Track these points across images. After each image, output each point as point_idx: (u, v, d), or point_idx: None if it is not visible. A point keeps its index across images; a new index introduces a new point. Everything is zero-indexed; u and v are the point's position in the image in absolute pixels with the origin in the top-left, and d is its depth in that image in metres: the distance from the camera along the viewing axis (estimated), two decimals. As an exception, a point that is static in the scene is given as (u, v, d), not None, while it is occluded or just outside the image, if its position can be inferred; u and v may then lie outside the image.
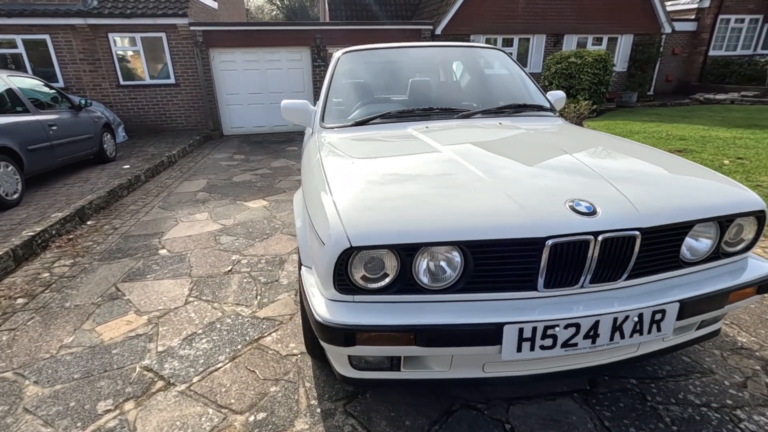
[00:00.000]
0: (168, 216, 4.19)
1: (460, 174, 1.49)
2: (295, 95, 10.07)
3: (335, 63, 2.69)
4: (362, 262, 1.24)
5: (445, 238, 1.19)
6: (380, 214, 1.26)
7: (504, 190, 1.34)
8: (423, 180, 1.48)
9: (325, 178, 1.55)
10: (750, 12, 14.26)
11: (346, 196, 1.37)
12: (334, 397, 1.74)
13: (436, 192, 1.38)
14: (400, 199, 1.34)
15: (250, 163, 6.68)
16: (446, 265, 1.25)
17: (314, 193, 1.52)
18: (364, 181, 1.49)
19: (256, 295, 2.60)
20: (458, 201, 1.30)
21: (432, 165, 1.61)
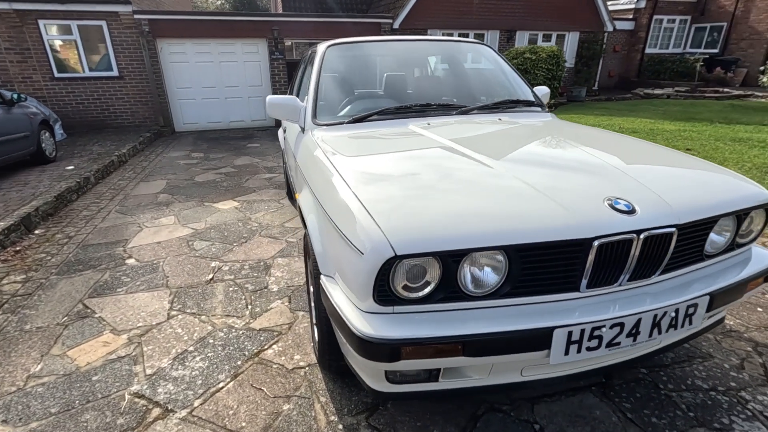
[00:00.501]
0: (129, 221, 3.85)
1: (486, 174, 1.45)
2: (252, 89, 9.67)
3: (321, 57, 2.55)
4: (404, 270, 1.16)
5: (493, 242, 1.14)
6: (423, 219, 1.18)
7: (540, 190, 1.31)
8: (451, 181, 1.41)
9: (343, 180, 1.45)
10: (680, 13, 15.41)
11: (377, 200, 1.28)
12: (354, 411, 1.65)
13: (470, 193, 1.32)
14: (437, 202, 1.27)
15: (210, 162, 6.32)
16: (491, 270, 1.20)
17: (333, 198, 1.42)
18: (392, 183, 1.41)
19: (247, 304, 2.43)
20: (498, 203, 1.25)
21: (454, 164, 1.55)
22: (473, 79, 2.66)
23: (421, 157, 1.66)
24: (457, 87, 2.63)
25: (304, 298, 2.48)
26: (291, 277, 2.75)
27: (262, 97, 9.77)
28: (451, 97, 2.52)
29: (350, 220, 1.26)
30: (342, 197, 1.36)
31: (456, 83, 2.65)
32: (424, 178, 1.45)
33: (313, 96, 2.37)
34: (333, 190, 1.44)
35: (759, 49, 13.70)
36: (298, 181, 2.15)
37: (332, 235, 1.38)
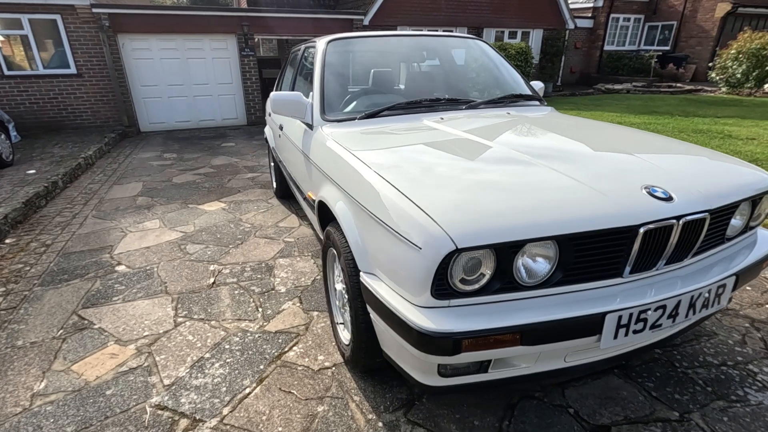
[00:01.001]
0: (110, 226, 3.65)
1: (522, 165, 1.47)
2: (222, 87, 9.36)
3: (323, 52, 2.50)
4: (462, 264, 1.16)
5: (550, 232, 1.16)
6: (479, 212, 1.19)
7: (580, 181, 1.34)
8: (489, 173, 1.43)
9: (379, 176, 1.44)
10: (634, 12, 16.20)
11: (424, 194, 1.27)
12: (391, 407, 1.64)
13: (514, 185, 1.34)
14: (486, 193, 1.28)
15: (185, 162, 6.08)
16: (543, 259, 1.22)
17: (373, 194, 1.40)
18: (432, 177, 1.40)
19: (257, 307, 2.37)
20: (547, 193, 1.27)
21: (485, 157, 1.56)
22: (474, 74, 2.69)
23: (451, 150, 1.66)
24: (460, 82, 2.66)
25: (315, 298, 2.44)
26: (296, 277, 2.69)
27: (232, 95, 9.49)
28: (455, 92, 2.53)
29: (400, 216, 1.25)
30: (385, 193, 1.34)
31: (458, 78, 2.68)
32: (461, 170, 1.45)
33: (320, 92, 2.32)
34: (371, 186, 1.42)
35: (706, 47, 14.62)
36: (312, 179, 2.10)
37: (375, 232, 1.36)
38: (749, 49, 10.97)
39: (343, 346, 1.84)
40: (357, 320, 1.55)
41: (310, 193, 2.16)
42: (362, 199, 1.44)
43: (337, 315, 2.00)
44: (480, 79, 2.66)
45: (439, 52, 2.77)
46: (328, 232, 1.80)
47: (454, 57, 2.76)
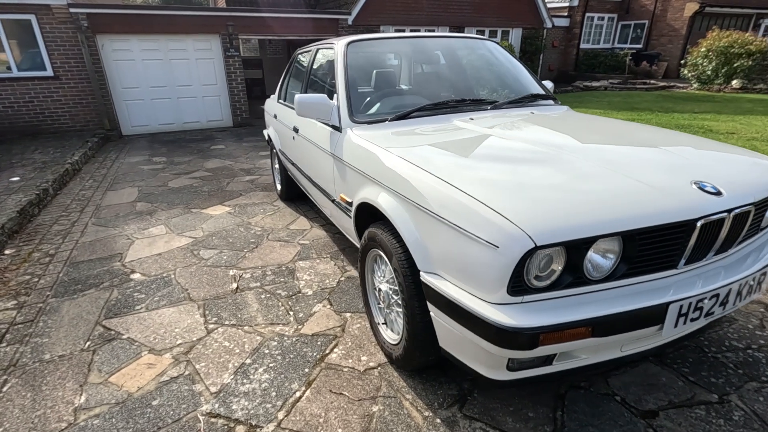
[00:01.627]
0: (114, 234, 3.55)
1: (572, 163, 1.52)
2: (206, 88, 9.18)
3: (343, 54, 2.51)
4: (538, 260, 1.21)
5: (619, 228, 1.22)
6: (550, 210, 1.23)
7: (634, 178, 1.40)
8: (545, 172, 1.47)
9: (436, 177, 1.46)
10: (608, 11, 16.70)
11: (492, 193, 1.31)
12: (445, 404, 1.67)
13: (571, 183, 1.38)
14: (550, 192, 1.32)
15: (178, 166, 5.95)
16: (609, 254, 1.28)
17: (435, 195, 1.41)
18: (492, 175, 1.44)
19: (287, 311, 2.36)
20: (608, 190, 1.33)
21: (535, 156, 1.61)
22: (491, 75, 2.74)
23: (496, 150, 1.70)
24: (478, 82, 2.71)
25: (344, 300, 2.44)
26: (320, 279, 2.69)
27: (217, 96, 9.32)
28: (476, 93, 2.58)
29: (469, 216, 1.28)
30: (449, 194, 1.37)
31: (477, 78, 2.72)
32: (514, 170, 1.49)
33: (346, 94, 2.33)
34: (431, 187, 1.45)
35: (676, 44, 15.21)
36: (347, 181, 2.10)
37: (439, 233, 1.39)
38: (718, 47, 11.49)
39: (389, 346, 1.86)
40: (414, 319, 1.58)
41: (343, 196, 2.17)
42: (422, 201, 1.46)
43: (377, 315, 2.02)
44: (497, 79, 2.72)
45: (456, 52, 2.81)
46: (372, 233, 1.81)
47: (471, 57, 2.81)
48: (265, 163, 5.95)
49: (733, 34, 11.56)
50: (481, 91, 2.62)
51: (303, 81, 3.15)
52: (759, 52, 11.06)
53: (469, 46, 2.87)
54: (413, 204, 1.51)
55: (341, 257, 3.00)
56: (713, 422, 1.55)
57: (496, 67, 2.79)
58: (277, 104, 3.89)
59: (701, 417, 1.57)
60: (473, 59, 2.82)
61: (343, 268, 2.83)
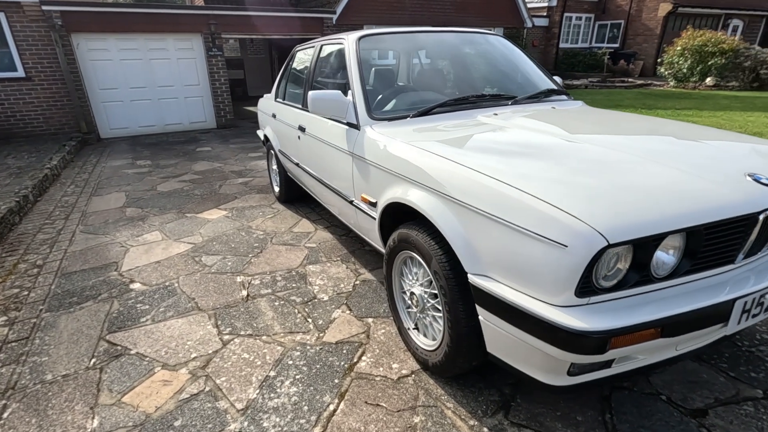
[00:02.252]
0: (105, 242, 3.35)
1: (616, 159, 1.47)
2: (188, 89, 8.90)
3: (355, 50, 2.41)
4: (608, 259, 1.15)
5: (687, 224, 1.17)
6: (617, 206, 1.17)
7: (686, 171, 1.36)
8: (596, 167, 1.41)
9: (487, 176, 1.38)
10: (585, 11, 17.04)
11: (550, 190, 1.24)
12: (489, 411, 1.60)
13: (627, 177, 1.33)
14: (610, 187, 1.26)
15: (164, 169, 5.71)
16: (673, 251, 1.23)
17: (487, 194, 1.33)
18: (545, 172, 1.37)
19: (305, 318, 2.25)
20: (665, 186, 1.28)
21: (576, 153, 1.55)
22: (504, 69, 2.69)
23: (535, 146, 1.63)
24: (494, 77, 2.65)
25: (363, 304, 2.35)
26: (334, 284, 2.59)
27: (200, 97, 9.05)
28: (491, 87, 2.53)
29: (531, 214, 1.20)
30: (503, 192, 1.29)
31: (492, 73, 2.67)
32: (562, 165, 1.43)
33: (362, 91, 2.24)
34: (482, 186, 1.36)
35: (651, 43, 15.64)
36: (370, 181, 2.01)
37: (494, 233, 1.31)
38: (693, 45, 11.84)
39: (424, 353, 1.78)
40: (458, 324, 1.50)
41: (365, 196, 2.07)
42: (471, 200, 1.38)
43: (406, 320, 1.94)
44: (510, 73, 2.67)
45: (467, 47, 2.75)
46: (404, 234, 1.73)
47: (482, 52, 2.75)
48: (256, 165, 5.78)
49: (707, 33, 11.94)
50: (499, 86, 2.56)
51: (307, 78, 3.03)
52: (731, 50, 11.45)
53: (479, 40, 2.82)
54: (459, 203, 1.43)
55: (352, 260, 2.90)
56: (764, 418, 1.53)
57: (507, 62, 2.74)
58: (275, 103, 3.76)
59: (750, 414, 1.55)
60: (484, 53, 2.76)
61: (356, 272, 2.73)
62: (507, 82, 2.59)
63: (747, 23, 17.88)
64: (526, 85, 2.58)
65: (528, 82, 2.61)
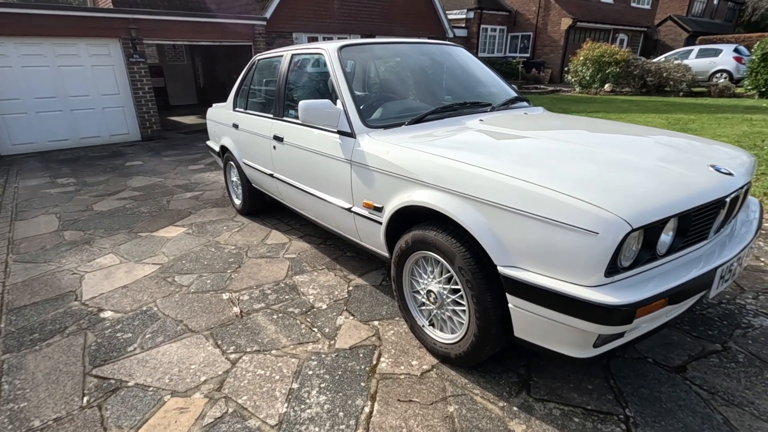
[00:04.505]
0: (51, 270, 3.01)
1: (611, 157, 1.69)
2: (107, 99, 8.16)
3: (337, 59, 2.46)
4: (630, 242, 1.34)
5: (685, 207, 1.40)
6: (632, 195, 1.37)
7: (667, 164, 1.62)
8: (593, 163, 1.61)
9: (511, 176, 1.51)
10: (499, 23, 18.42)
11: (575, 184, 1.41)
12: (513, 392, 1.74)
13: (624, 171, 1.54)
14: (617, 179, 1.46)
15: (94, 187, 5.20)
16: (670, 232, 1.46)
17: (514, 192, 1.46)
18: (557, 169, 1.54)
19: (310, 328, 2.23)
20: (658, 177, 1.51)
21: (570, 151, 1.75)
22: (475, 78, 2.90)
23: (538, 147, 1.80)
24: (467, 85, 2.84)
25: (363, 308, 2.39)
26: (328, 291, 2.59)
27: (121, 107, 8.34)
28: (467, 96, 2.71)
29: (560, 208, 1.35)
30: (530, 189, 1.43)
31: (465, 82, 2.85)
32: (572, 162, 1.62)
33: (351, 99, 2.29)
34: (505, 185, 1.49)
35: (557, 54, 17.35)
36: (375, 187, 2.06)
37: (522, 227, 1.45)
38: (593, 56, 13.38)
39: (443, 346, 1.88)
40: (486, 314, 1.62)
41: (368, 202, 2.12)
42: (499, 198, 1.50)
43: (420, 318, 2.02)
44: (477, 82, 2.87)
45: (437, 57, 2.92)
46: (419, 236, 1.82)
47: (450, 62, 2.94)
48: (201, 178, 5.49)
49: (603, 45, 13.57)
50: (470, 94, 2.75)
51: (278, 88, 3.00)
52: (623, 60, 13.12)
53: (447, 51, 3.00)
54: (486, 203, 1.55)
55: (338, 267, 2.91)
56: (728, 366, 1.84)
57: (475, 72, 2.95)
58: (235, 113, 3.64)
59: (717, 363, 1.86)
60: (454, 64, 2.95)
61: (346, 278, 2.76)
62: (479, 91, 2.79)
63: (630, 37, 20.60)
64: (495, 93, 2.80)
65: (496, 90, 2.84)
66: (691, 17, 24.73)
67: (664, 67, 12.66)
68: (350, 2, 12.64)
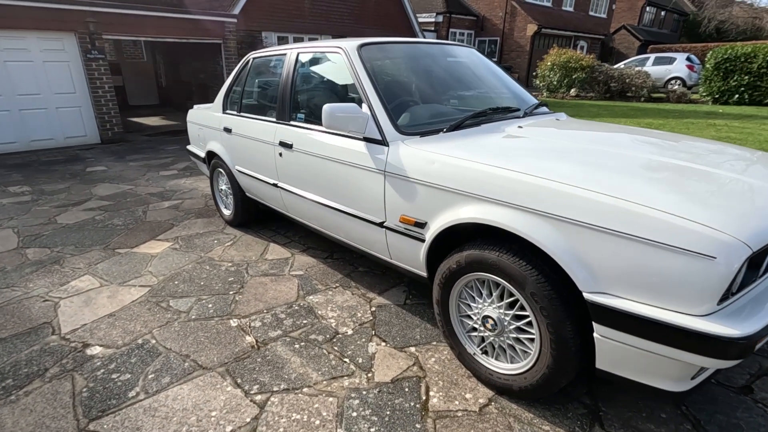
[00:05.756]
0: (17, 296, 2.58)
1: (682, 168, 1.58)
2: (61, 98, 7.47)
3: (358, 57, 2.24)
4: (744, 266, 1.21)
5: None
6: (740, 215, 1.24)
7: (746, 180, 1.52)
8: (678, 178, 1.48)
9: (591, 191, 1.36)
10: (467, 28, 18.66)
11: (679, 203, 1.27)
12: (585, 425, 1.59)
13: (715, 187, 1.43)
14: (714, 197, 1.34)
15: (54, 196, 4.67)
16: (767, 252, 1.35)
17: (611, 211, 1.29)
18: (656, 185, 1.40)
19: (340, 359, 1.99)
20: (753, 195, 1.40)
21: (654, 164, 1.62)
22: (497, 82, 2.75)
23: (609, 158, 1.65)
24: (492, 90, 2.68)
25: (394, 332, 2.17)
26: (350, 314, 2.36)
27: (77, 107, 7.65)
28: (491, 101, 2.56)
29: (667, 229, 1.20)
30: (628, 209, 1.27)
31: (486, 86, 2.70)
32: (656, 175, 1.49)
33: (380, 103, 2.08)
34: (596, 203, 1.33)
35: (524, 59, 17.77)
36: (417, 201, 1.85)
37: (618, 250, 1.29)
38: (560, 62, 13.76)
39: (503, 378, 1.70)
40: (565, 344, 1.45)
41: (407, 216, 1.91)
42: (587, 218, 1.34)
43: (470, 345, 1.84)
44: (502, 87, 2.73)
45: (460, 59, 2.75)
46: (477, 256, 1.63)
47: (471, 65, 2.78)
48: (177, 185, 5.07)
49: (569, 51, 13.99)
50: (495, 99, 2.60)
51: (283, 90, 2.72)
52: (588, 66, 13.58)
53: (465, 53, 2.85)
54: (567, 221, 1.38)
55: (353, 284, 2.68)
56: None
57: (496, 76, 2.81)
58: (226, 116, 3.32)
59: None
60: (472, 66, 2.79)
61: (365, 297, 2.53)
62: (503, 95, 2.65)
63: (589, 44, 21.48)
64: (519, 97, 2.67)
65: (518, 94, 2.71)
66: (642, 27, 26.16)
67: (627, 73, 13.21)
68: (322, 2, 12.38)
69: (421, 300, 2.49)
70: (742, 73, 11.16)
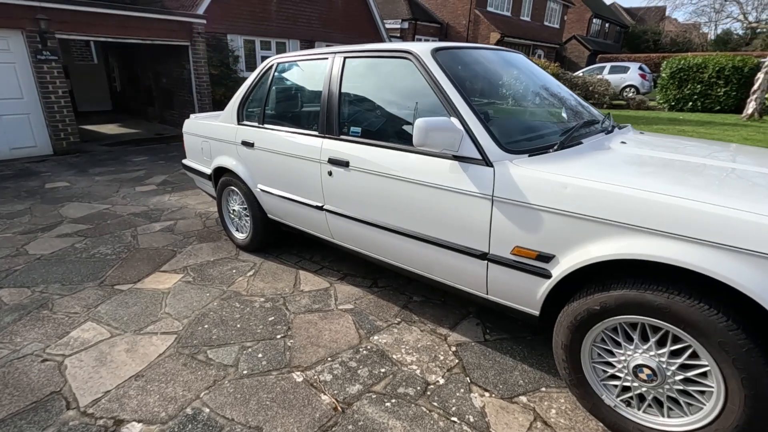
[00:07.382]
0: (7, 356, 2.05)
1: None
2: (6, 104, 6.56)
3: (435, 63, 1.97)
4: None
5: None
6: None
7: None
8: None
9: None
10: (431, 35, 18.81)
11: None
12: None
13: None
14: None
15: (13, 220, 3.97)
16: None
17: None
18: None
19: (446, 417, 1.68)
20: None
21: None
22: (565, 93, 2.55)
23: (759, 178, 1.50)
24: (562, 102, 2.47)
25: (492, 378, 1.90)
26: (430, 357, 2.05)
27: (25, 114, 6.76)
28: (571, 113, 2.36)
29: None
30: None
31: (559, 98, 2.48)
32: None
33: (476, 117, 1.81)
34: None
35: (488, 66, 18.13)
36: (543, 230, 1.59)
37: None
38: (527, 69, 14.10)
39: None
40: (761, 401, 1.25)
41: (525, 248, 1.64)
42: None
43: (607, 396, 1.59)
44: (571, 98, 2.53)
45: (529, 67, 2.55)
46: (639, 298, 1.40)
47: (541, 75, 2.59)
48: (161, 202, 4.51)
49: (534, 59, 14.38)
50: (570, 111, 2.40)
51: (328, 100, 2.38)
52: (554, 74, 14.00)
53: (527, 61, 2.65)
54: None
55: (415, 318, 2.37)
56: None
57: (558, 85, 2.62)
58: (244, 128, 2.91)
59: None
60: (538, 75, 2.58)
61: (437, 333, 2.24)
62: (574, 107, 2.45)
63: (546, 53, 22.34)
64: (585, 108, 2.49)
65: (582, 104, 2.53)
66: (590, 37, 27.67)
67: (590, 81, 13.75)
68: (289, 5, 12.00)
69: (501, 334, 2.23)
70: (694, 82, 11.92)
